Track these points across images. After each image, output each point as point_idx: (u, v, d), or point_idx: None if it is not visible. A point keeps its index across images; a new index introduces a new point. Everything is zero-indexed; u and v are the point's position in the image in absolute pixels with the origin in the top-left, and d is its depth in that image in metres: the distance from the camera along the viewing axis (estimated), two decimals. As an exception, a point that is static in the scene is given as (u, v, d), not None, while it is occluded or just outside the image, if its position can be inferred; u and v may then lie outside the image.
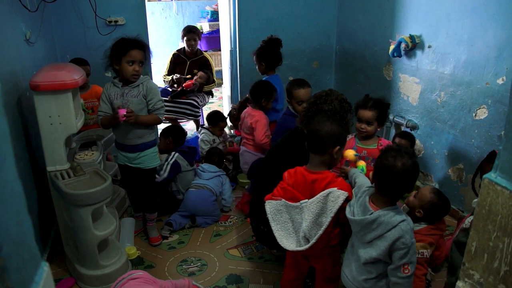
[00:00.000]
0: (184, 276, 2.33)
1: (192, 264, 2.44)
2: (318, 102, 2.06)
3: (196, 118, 4.19)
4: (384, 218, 1.48)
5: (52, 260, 2.39)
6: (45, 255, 2.34)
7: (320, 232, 1.63)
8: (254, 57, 3.30)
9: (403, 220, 1.48)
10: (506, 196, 0.81)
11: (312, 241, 1.65)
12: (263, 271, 2.35)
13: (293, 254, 1.90)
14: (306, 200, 1.69)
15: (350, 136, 2.52)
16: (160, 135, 3.15)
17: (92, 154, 2.44)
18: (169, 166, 2.87)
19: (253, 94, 3.03)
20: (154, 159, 2.48)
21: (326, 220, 1.64)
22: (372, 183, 1.71)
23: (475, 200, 0.92)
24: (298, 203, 1.71)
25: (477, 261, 0.89)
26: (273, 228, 1.76)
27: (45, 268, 0.71)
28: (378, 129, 2.41)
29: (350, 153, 2.08)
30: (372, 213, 1.52)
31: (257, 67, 3.32)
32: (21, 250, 0.63)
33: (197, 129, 4.27)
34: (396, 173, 1.47)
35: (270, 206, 1.78)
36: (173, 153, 2.96)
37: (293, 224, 1.74)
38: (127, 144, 2.38)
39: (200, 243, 2.64)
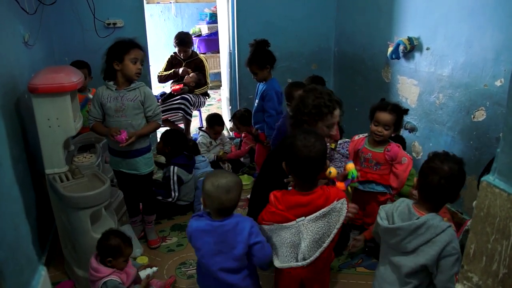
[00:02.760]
0: (183, 279, 2.33)
1: (191, 266, 2.43)
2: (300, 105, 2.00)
3: (187, 116, 4.19)
4: (433, 222, 1.44)
5: (50, 263, 2.38)
6: (43, 258, 2.32)
7: (325, 245, 1.59)
8: (253, 65, 3.09)
9: (450, 226, 1.47)
10: (504, 199, 0.81)
11: (316, 254, 1.60)
12: (263, 274, 2.34)
13: (288, 282, 1.75)
14: (303, 218, 1.60)
15: (360, 135, 2.48)
16: (160, 138, 3.14)
17: (91, 156, 2.44)
18: (176, 185, 2.91)
19: None
20: (149, 164, 2.46)
21: (331, 233, 1.60)
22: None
23: (476, 201, 0.92)
24: (293, 222, 1.61)
25: (476, 263, 0.89)
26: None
27: (43, 272, 0.71)
28: (392, 135, 2.38)
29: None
30: (419, 218, 1.48)
31: (255, 76, 3.14)
32: (18, 254, 0.63)
33: (187, 129, 4.28)
34: (442, 176, 1.45)
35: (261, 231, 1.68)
36: (171, 168, 2.93)
37: (287, 248, 1.65)
38: (120, 150, 2.35)
39: (199, 246, 2.63)
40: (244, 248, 1.58)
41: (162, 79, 4.30)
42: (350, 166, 1.90)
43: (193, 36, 5.49)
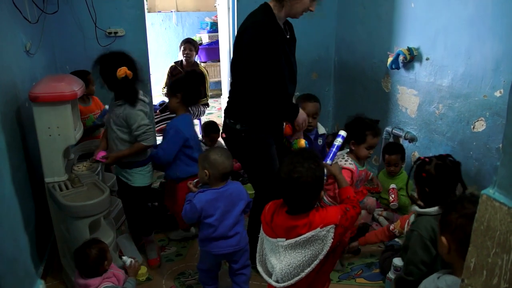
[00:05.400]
0: (182, 289, 2.32)
1: (190, 277, 2.42)
2: None
3: None
4: None
5: (48, 273, 2.36)
6: (41, 267, 2.31)
7: (303, 275, 1.49)
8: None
9: None
10: (504, 212, 0.81)
11: (290, 282, 1.50)
12: (261, 284, 2.33)
13: None
14: (283, 239, 1.52)
15: (346, 163, 2.37)
16: None
17: (91, 165, 2.44)
18: None
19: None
20: (141, 178, 2.37)
21: (312, 263, 1.49)
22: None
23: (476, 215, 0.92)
24: (275, 240, 1.54)
25: (476, 277, 0.88)
26: (257, 257, 1.65)
27: (41, 286, 0.70)
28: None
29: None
30: None
31: (172, 103, 2.50)
32: (16, 268, 0.62)
33: None
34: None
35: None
36: None
37: (268, 260, 1.59)
38: None
39: (198, 256, 2.61)
40: (244, 204, 2.01)
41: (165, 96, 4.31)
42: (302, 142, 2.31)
43: (194, 45, 5.51)
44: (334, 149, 1.96)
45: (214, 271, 2.15)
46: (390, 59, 3.16)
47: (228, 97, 2.27)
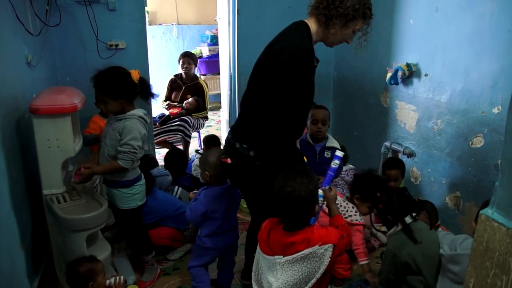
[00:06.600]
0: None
1: (186, 291, 2.40)
2: None
3: (186, 138, 4.19)
4: None
5: (44, 286, 2.34)
6: (36, 279, 2.29)
7: None
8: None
9: None
10: (503, 233, 0.81)
11: None
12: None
13: None
14: (281, 256, 1.52)
15: (360, 215, 2.34)
16: (164, 159, 3.28)
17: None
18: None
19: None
20: (127, 200, 2.22)
21: (309, 282, 1.50)
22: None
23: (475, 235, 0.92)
24: (272, 257, 1.54)
25: (476, 298, 0.88)
26: (252, 277, 1.66)
27: (36, 303, 0.69)
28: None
29: None
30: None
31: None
32: (12, 283, 0.62)
33: (185, 151, 4.26)
34: None
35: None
36: (176, 188, 2.96)
37: (264, 279, 1.58)
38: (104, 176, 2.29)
39: (196, 269, 2.59)
40: (239, 199, 2.22)
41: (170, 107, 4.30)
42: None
43: (194, 58, 5.55)
44: (331, 173, 1.84)
45: (207, 263, 2.24)
46: (389, 75, 3.18)
47: (240, 117, 1.98)
